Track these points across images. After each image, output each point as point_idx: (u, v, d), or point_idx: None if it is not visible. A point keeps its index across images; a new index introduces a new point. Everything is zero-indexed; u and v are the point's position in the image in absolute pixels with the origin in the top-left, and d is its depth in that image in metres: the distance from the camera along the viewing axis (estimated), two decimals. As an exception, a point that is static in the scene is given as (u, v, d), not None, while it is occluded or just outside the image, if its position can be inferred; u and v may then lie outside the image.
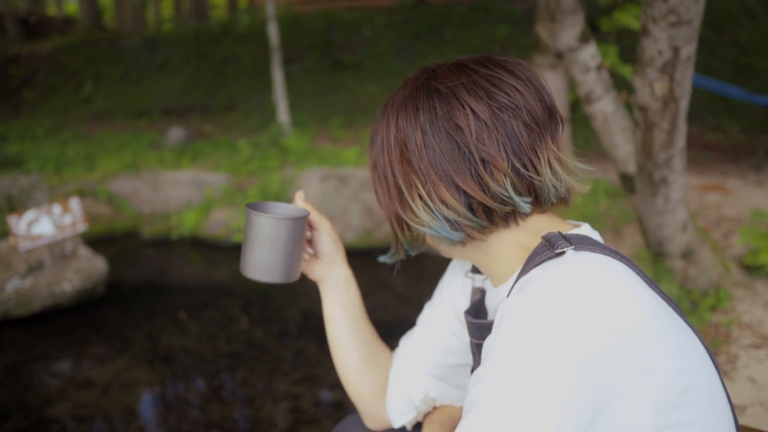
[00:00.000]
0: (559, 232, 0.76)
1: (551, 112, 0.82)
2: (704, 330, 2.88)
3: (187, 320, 3.82)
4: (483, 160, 0.77)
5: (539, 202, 0.82)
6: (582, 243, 0.74)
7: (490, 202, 0.78)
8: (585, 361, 0.62)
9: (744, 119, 7.85)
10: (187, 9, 18.12)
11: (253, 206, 0.95)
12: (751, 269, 3.40)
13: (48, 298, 3.80)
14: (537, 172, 0.79)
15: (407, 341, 1.14)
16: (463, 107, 0.78)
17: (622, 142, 2.99)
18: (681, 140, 2.53)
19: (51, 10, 21.76)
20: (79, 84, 11.96)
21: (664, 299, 0.74)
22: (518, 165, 0.78)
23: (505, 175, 0.77)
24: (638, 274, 0.73)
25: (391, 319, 3.68)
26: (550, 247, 0.74)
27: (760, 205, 4.61)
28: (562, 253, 0.72)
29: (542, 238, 0.76)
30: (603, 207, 4.71)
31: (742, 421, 2.19)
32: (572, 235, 0.77)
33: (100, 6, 18.01)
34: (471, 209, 0.79)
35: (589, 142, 6.89)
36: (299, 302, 4.09)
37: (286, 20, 11.21)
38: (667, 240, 3.02)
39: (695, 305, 3.01)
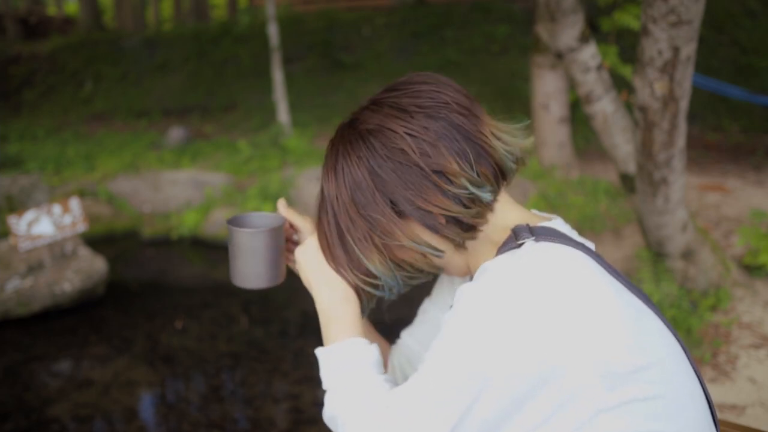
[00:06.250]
0: (527, 225, 0.80)
1: (469, 95, 0.85)
2: (704, 330, 2.88)
3: (186, 321, 3.82)
4: (435, 171, 0.78)
5: (503, 174, 0.84)
6: (545, 234, 0.78)
7: (456, 210, 0.79)
8: (520, 348, 0.67)
9: (744, 119, 7.85)
10: (187, 9, 18.12)
11: (234, 220, 1.02)
12: (751, 269, 3.40)
13: (48, 298, 3.80)
14: (492, 147, 0.81)
15: (408, 330, 1.18)
16: (396, 132, 0.79)
17: (622, 142, 2.99)
18: (681, 140, 2.53)
19: (51, 10, 21.74)
20: (79, 84, 11.96)
21: (630, 289, 0.77)
22: (471, 154, 0.79)
23: (459, 176, 0.78)
24: (602, 265, 0.77)
25: (392, 319, 3.68)
26: (515, 239, 0.78)
27: (760, 205, 4.61)
28: (522, 244, 0.76)
29: (511, 230, 0.80)
30: (603, 207, 4.71)
31: (742, 421, 2.18)
32: (538, 227, 0.80)
33: (100, 6, 18.00)
34: (437, 230, 0.81)
35: (589, 142, 6.89)
36: (299, 302, 4.08)
37: (286, 20, 11.20)
38: (667, 240, 3.02)
39: (695, 305, 3.01)
